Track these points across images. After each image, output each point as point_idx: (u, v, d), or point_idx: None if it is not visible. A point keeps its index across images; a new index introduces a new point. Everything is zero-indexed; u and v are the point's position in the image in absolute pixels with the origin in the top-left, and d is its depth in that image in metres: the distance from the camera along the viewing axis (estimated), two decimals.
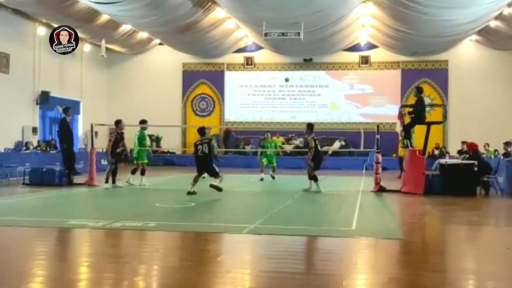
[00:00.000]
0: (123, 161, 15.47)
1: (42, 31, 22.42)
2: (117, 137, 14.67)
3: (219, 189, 12.77)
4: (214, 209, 11.09)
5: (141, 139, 15.64)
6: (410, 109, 14.90)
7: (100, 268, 5.97)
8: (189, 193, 12.64)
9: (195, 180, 12.99)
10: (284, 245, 7.37)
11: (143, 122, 15.98)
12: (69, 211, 10.61)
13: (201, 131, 13.42)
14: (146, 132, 16.30)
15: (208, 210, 10.87)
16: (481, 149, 17.84)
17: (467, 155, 15.80)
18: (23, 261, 6.25)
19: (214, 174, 13.21)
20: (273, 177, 17.77)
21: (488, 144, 21.04)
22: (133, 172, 15.49)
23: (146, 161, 15.73)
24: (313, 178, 13.92)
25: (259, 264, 6.26)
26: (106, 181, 14.52)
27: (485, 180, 13.95)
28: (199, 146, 13.03)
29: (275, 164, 18.09)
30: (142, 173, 15.40)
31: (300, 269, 6.05)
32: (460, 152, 20.88)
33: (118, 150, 14.69)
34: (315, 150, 13.82)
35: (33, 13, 21.10)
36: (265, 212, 10.17)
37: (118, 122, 14.94)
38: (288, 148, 25.61)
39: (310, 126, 14.26)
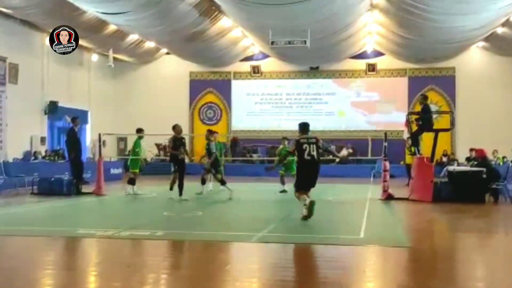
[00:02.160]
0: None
1: None
2: (175, 142, 13.62)
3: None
4: (221, 218, 11.07)
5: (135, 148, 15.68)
6: (417, 116, 14.88)
7: (108, 277, 5.98)
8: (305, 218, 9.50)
9: (307, 202, 9.49)
10: (292, 253, 7.36)
11: (139, 130, 15.70)
12: (78, 220, 10.63)
13: (305, 126, 10.09)
14: (143, 140, 16.00)
15: (216, 219, 10.86)
16: (489, 156, 17.73)
17: (476, 162, 15.71)
18: (31, 270, 6.27)
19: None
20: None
21: (497, 151, 20.92)
22: (131, 182, 15.20)
23: (137, 170, 15.42)
24: (222, 182, 14.38)
25: (267, 272, 6.24)
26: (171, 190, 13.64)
27: (494, 187, 13.85)
28: (305, 146, 9.70)
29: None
30: (130, 182, 15.05)
31: (308, 278, 6.03)
32: (468, 159, 20.76)
33: (181, 156, 13.56)
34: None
35: (41, 23, 21.28)
36: (272, 221, 10.16)
37: (173, 127, 13.88)
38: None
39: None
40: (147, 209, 12.48)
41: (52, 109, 23.02)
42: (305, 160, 9.66)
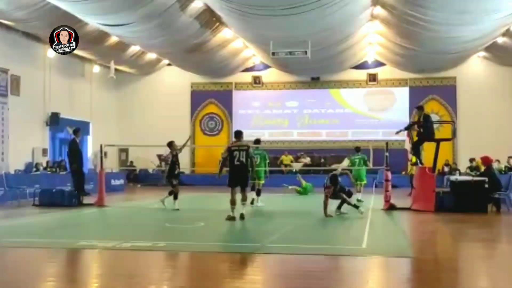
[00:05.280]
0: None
1: (52, 54, 22.56)
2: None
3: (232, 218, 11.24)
4: (224, 229, 11.02)
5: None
6: (418, 123, 14.83)
7: None
8: (230, 218, 11.29)
9: (233, 202, 11.34)
10: (295, 264, 7.33)
11: (257, 141, 15.96)
12: (79, 232, 10.61)
13: (238, 134, 11.58)
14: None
15: (218, 230, 10.82)
16: None
17: (478, 172, 15.66)
18: (33, 282, 6.25)
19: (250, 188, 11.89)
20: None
21: (498, 161, 20.89)
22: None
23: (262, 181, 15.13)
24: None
25: (269, 283, 6.22)
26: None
27: (496, 197, 13.81)
28: (236, 153, 11.23)
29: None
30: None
31: None
32: (471, 168, 20.73)
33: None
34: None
35: (43, 35, 21.30)
36: (275, 231, 10.13)
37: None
38: (297, 166, 25.64)
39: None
40: (149, 220, 12.44)
41: (54, 121, 23.05)
42: (234, 165, 11.22)
